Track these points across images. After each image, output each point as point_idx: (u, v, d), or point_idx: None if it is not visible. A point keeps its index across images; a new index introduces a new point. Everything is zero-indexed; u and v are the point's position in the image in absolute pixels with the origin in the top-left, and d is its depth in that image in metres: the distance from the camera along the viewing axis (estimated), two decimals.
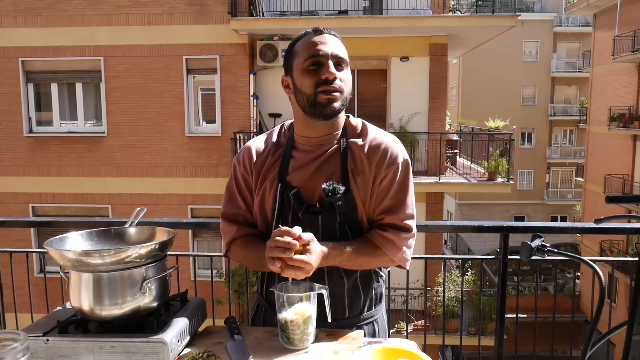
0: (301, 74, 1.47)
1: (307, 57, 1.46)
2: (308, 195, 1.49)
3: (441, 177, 10.85)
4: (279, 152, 1.56)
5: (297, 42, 1.52)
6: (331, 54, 1.46)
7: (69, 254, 1.30)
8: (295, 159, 1.53)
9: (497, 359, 2.52)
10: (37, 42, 11.23)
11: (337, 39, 1.51)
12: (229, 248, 1.63)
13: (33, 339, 1.26)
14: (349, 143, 1.52)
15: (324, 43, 1.46)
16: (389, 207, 1.50)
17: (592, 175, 20.07)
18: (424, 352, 1.29)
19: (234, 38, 10.95)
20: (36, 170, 11.62)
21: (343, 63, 1.49)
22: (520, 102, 29.48)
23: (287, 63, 1.53)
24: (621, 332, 1.18)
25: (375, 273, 1.60)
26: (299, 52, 1.49)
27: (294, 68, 1.50)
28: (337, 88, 1.46)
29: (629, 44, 17.41)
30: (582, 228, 2.70)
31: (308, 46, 1.47)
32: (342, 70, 1.49)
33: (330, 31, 1.51)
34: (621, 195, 1.36)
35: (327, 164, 1.51)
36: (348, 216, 1.48)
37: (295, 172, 1.51)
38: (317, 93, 1.45)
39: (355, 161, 1.50)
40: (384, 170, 1.49)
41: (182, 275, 2.59)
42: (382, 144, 1.52)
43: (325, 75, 1.44)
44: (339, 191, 1.42)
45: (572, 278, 20.34)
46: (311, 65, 1.45)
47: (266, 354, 1.33)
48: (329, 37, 1.49)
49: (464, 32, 11.30)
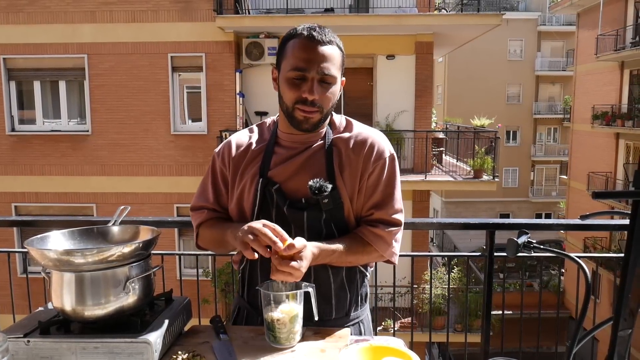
0: (284, 82, 1.44)
1: (292, 67, 1.41)
2: (292, 191, 1.47)
3: (427, 175, 10.90)
4: (260, 147, 1.54)
5: (291, 39, 1.45)
6: (318, 70, 1.39)
7: (50, 254, 1.27)
8: (277, 154, 1.51)
9: (483, 355, 2.53)
10: (19, 39, 11.07)
11: (332, 47, 1.43)
12: (198, 232, 1.62)
13: (13, 340, 1.24)
14: (334, 139, 1.51)
15: (313, 55, 1.40)
16: (377, 202, 1.49)
17: (576, 172, 20.29)
18: (410, 350, 1.28)
19: (219, 36, 10.89)
20: (19, 169, 11.46)
21: (331, 79, 1.42)
22: (505, 101, 29.72)
23: (278, 58, 1.48)
24: (605, 327, 1.19)
25: (361, 273, 1.59)
26: (288, 55, 1.43)
27: (282, 68, 1.46)
28: (316, 109, 1.42)
29: (612, 43, 17.62)
30: (567, 224, 2.72)
31: (297, 54, 1.41)
32: (329, 87, 1.43)
33: (326, 34, 1.42)
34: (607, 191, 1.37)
35: (312, 160, 1.49)
36: (334, 213, 1.46)
37: (277, 167, 1.49)
38: (294, 108, 1.43)
39: (341, 157, 1.49)
40: (371, 165, 1.48)
41: (168, 275, 2.56)
42: (368, 139, 1.50)
43: (305, 95, 1.40)
44: (325, 189, 1.40)
45: (556, 275, 20.55)
46: (295, 78, 1.41)
47: (252, 353, 1.32)
48: (322, 48, 1.40)
49: (449, 31, 11.35)
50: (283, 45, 1.46)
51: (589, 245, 17.81)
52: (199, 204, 1.61)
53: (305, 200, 1.46)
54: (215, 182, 1.59)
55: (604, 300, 16.08)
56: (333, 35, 1.45)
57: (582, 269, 1.17)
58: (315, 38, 1.40)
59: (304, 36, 1.42)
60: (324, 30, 1.43)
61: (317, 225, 1.47)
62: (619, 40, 17.39)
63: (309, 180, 1.42)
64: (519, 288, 18.68)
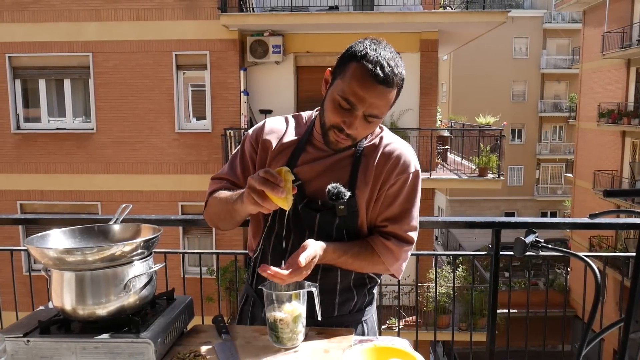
0: (330, 99, 1.38)
1: (343, 95, 1.34)
2: (311, 192, 1.47)
3: (432, 173, 10.86)
4: (292, 141, 1.53)
5: (357, 59, 1.33)
6: (366, 110, 1.34)
7: (49, 252, 1.26)
8: (307, 152, 1.50)
9: (489, 354, 2.51)
10: (24, 37, 11.09)
11: (393, 89, 1.34)
12: (207, 200, 1.60)
13: (13, 339, 1.22)
14: (365, 148, 1.49)
15: (369, 95, 1.32)
16: (393, 215, 1.48)
17: (582, 171, 20.19)
18: (415, 350, 1.26)
19: (223, 34, 10.88)
20: (24, 167, 11.50)
21: (377, 118, 1.38)
22: (510, 99, 29.61)
23: (337, 65, 1.40)
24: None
25: (371, 278, 1.59)
26: (346, 76, 1.34)
27: (335, 82, 1.38)
28: (350, 140, 1.40)
29: (618, 41, 17.51)
30: (574, 223, 2.68)
31: (353, 85, 1.32)
32: (372, 123, 1.39)
33: (393, 73, 1.32)
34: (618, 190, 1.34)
35: (339, 165, 1.48)
36: (347, 220, 1.46)
37: (303, 165, 1.49)
38: (331, 128, 1.40)
39: (367, 166, 1.47)
40: (393, 177, 1.47)
41: (172, 273, 2.55)
42: (395, 151, 1.49)
43: (344, 126, 1.36)
44: (343, 196, 1.39)
45: (562, 273, 20.49)
46: (341, 105, 1.35)
47: (255, 354, 1.31)
48: (381, 89, 1.32)
49: (454, 28, 11.30)
50: (347, 58, 1.37)
51: (594, 244, 17.73)
52: (222, 175, 1.60)
53: (322, 203, 1.45)
54: (243, 159, 1.59)
55: (610, 299, 16.00)
56: (400, 70, 1.35)
57: (592, 269, 1.15)
58: (379, 77, 1.30)
59: (368, 70, 1.31)
60: (393, 66, 1.33)
61: (329, 228, 1.46)
62: (625, 38, 17.29)
63: (330, 183, 1.41)
64: (523, 287, 18.62)
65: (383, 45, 1.36)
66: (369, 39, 1.38)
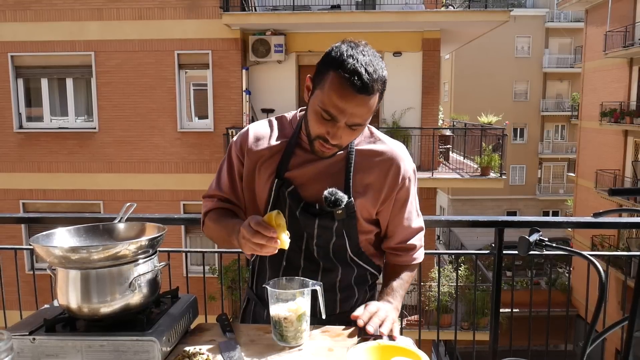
0: (313, 110, 1.34)
1: (323, 107, 1.30)
2: (307, 196, 1.45)
3: (434, 173, 10.86)
4: (280, 144, 1.49)
5: (335, 67, 1.28)
6: (348, 120, 1.31)
7: (55, 251, 1.26)
8: (297, 155, 1.47)
9: (492, 354, 2.51)
10: (27, 36, 11.11)
11: (374, 96, 1.30)
12: (204, 221, 1.62)
13: (19, 338, 1.23)
14: (357, 150, 1.48)
15: (349, 107, 1.28)
16: (407, 217, 1.55)
17: (584, 170, 20.16)
18: (419, 348, 1.26)
19: (226, 33, 10.88)
20: (26, 166, 11.52)
21: (360, 126, 1.35)
22: (512, 98, 29.55)
23: (317, 75, 1.34)
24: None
25: (372, 275, 1.60)
26: (325, 87, 1.29)
27: (315, 91, 1.34)
28: (336, 148, 1.40)
29: (621, 40, 17.47)
30: (578, 222, 2.69)
31: (333, 98, 1.28)
32: (356, 131, 1.35)
33: (373, 79, 1.28)
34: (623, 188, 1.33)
35: (332, 167, 1.46)
36: (346, 222, 1.46)
37: (295, 169, 1.46)
38: (316, 139, 1.37)
39: (362, 169, 1.46)
40: (398, 185, 1.49)
41: (174, 272, 2.56)
42: (394, 157, 1.48)
43: (328, 137, 1.34)
44: (340, 202, 1.38)
45: (564, 272, 20.45)
46: (325, 114, 1.31)
47: (259, 352, 1.31)
48: (362, 98, 1.27)
49: (456, 27, 11.28)
50: (325, 66, 1.31)
51: (596, 243, 17.70)
52: (212, 192, 1.60)
53: (319, 207, 1.44)
54: (231, 171, 1.56)
55: (612, 298, 15.98)
56: (380, 73, 1.31)
57: (597, 268, 1.15)
58: (357, 87, 1.26)
59: (346, 80, 1.25)
60: (372, 71, 1.28)
61: (328, 232, 1.46)
62: (627, 37, 17.24)
63: (326, 187, 1.39)
64: (525, 286, 18.61)
65: (361, 48, 1.30)
66: (346, 43, 1.31)
